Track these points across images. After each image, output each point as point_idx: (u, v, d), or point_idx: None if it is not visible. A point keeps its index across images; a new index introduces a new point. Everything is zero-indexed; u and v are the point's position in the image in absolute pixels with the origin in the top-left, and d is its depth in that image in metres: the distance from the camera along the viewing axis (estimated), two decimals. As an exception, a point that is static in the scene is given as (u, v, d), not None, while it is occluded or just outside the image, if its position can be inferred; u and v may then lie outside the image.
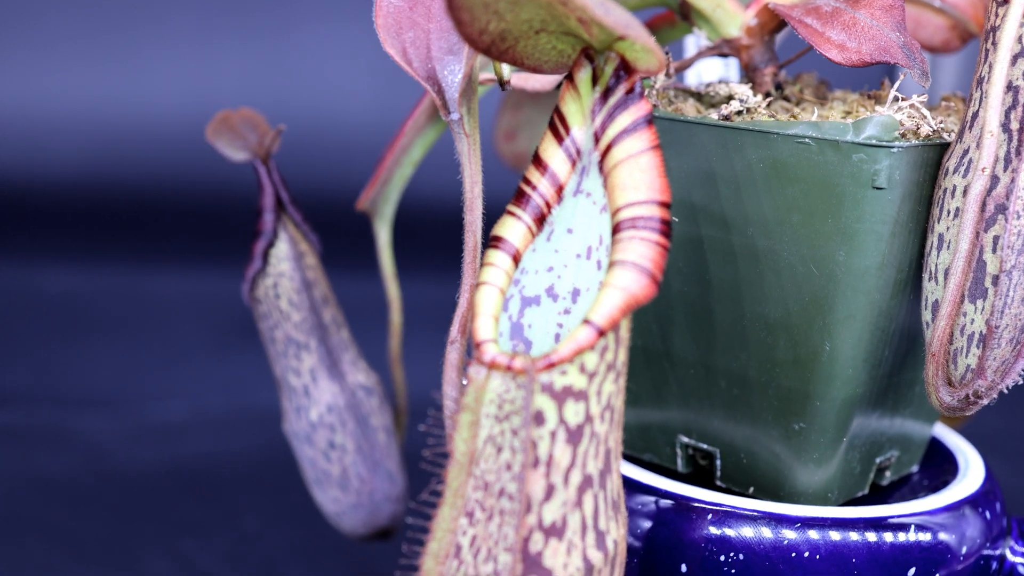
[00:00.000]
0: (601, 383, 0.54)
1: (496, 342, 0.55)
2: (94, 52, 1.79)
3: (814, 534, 0.66)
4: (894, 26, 0.66)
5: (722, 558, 0.65)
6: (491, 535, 0.54)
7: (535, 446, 0.53)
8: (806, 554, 0.65)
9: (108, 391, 1.39)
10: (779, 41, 0.75)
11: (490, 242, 0.58)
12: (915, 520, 0.67)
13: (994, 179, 0.60)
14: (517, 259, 0.58)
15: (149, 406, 1.34)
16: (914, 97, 0.64)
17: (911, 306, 0.67)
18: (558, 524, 0.53)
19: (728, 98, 0.69)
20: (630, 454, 0.75)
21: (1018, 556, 0.72)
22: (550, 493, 0.53)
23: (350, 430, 0.84)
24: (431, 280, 1.24)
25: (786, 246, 0.65)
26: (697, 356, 0.70)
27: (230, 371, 1.43)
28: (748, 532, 0.66)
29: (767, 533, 0.66)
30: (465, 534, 0.54)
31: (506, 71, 0.62)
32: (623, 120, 0.55)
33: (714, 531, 0.66)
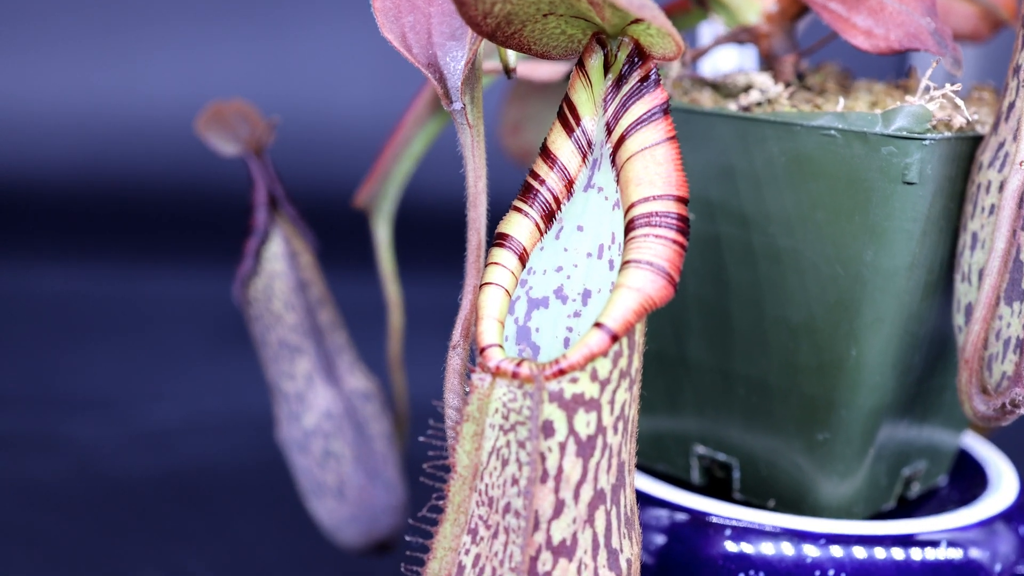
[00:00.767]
0: (614, 391, 0.51)
1: (501, 347, 0.52)
2: (87, 49, 1.77)
3: (838, 551, 0.63)
4: (924, 11, 0.62)
5: (740, 576, 0.62)
6: (496, 554, 0.51)
7: (543, 459, 0.50)
8: (830, 573, 0.62)
9: (99, 394, 1.36)
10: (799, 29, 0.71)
11: (495, 240, 0.55)
12: (945, 536, 0.64)
13: (1033, 173, 0.57)
14: (524, 258, 0.55)
15: (141, 410, 1.31)
16: (947, 86, 0.60)
17: (942, 309, 0.64)
18: (568, 543, 0.51)
19: (747, 88, 0.66)
20: (642, 464, 0.72)
21: (1053, 573, 0.68)
22: (559, 509, 0.50)
23: (347, 438, 0.80)
24: (432, 280, 1.21)
25: (810, 245, 0.62)
26: (714, 361, 0.67)
27: (225, 374, 1.41)
28: (768, 549, 0.63)
29: (788, 550, 0.63)
30: (468, 553, 0.52)
31: (512, 58, 0.58)
32: (637, 109, 0.53)
33: (732, 548, 0.63)
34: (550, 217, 0.56)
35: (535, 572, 0.50)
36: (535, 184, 0.55)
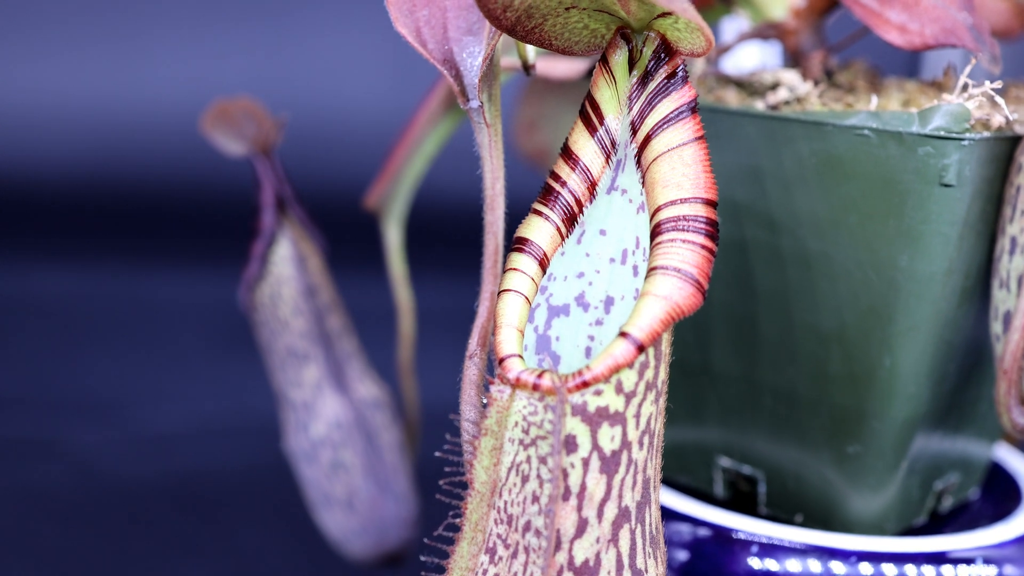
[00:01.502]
0: (640, 404, 0.49)
1: (521, 357, 0.50)
2: (89, 47, 1.75)
3: (868, 568, 0.61)
4: (961, 5, 0.60)
5: (767, 595, 0.61)
6: (515, 575, 0.49)
7: (566, 475, 0.48)
8: (861, 592, 0.59)
9: (100, 399, 1.35)
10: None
11: (514, 244, 0.53)
12: (980, 554, 0.62)
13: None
14: (544, 264, 0.53)
15: (143, 415, 1.30)
16: (987, 84, 0.57)
17: (978, 316, 0.61)
18: (591, 563, 0.49)
19: (774, 86, 0.63)
20: (663, 476, 0.70)
21: (1092, 592, 0.66)
22: (582, 528, 0.48)
23: (356, 448, 0.78)
24: (447, 283, 1.19)
25: (841, 250, 0.59)
26: (740, 371, 0.64)
27: (231, 377, 1.39)
28: (795, 566, 0.61)
29: (816, 567, 0.61)
30: (486, 573, 0.50)
31: (531, 54, 0.56)
32: (664, 108, 0.51)
33: (757, 565, 0.62)
34: (571, 221, 0.54)
35: (556, 594, 0.48)
36: (556, 186, 0.53)
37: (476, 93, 0.55)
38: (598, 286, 0.55)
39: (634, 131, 0.52)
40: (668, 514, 0.64)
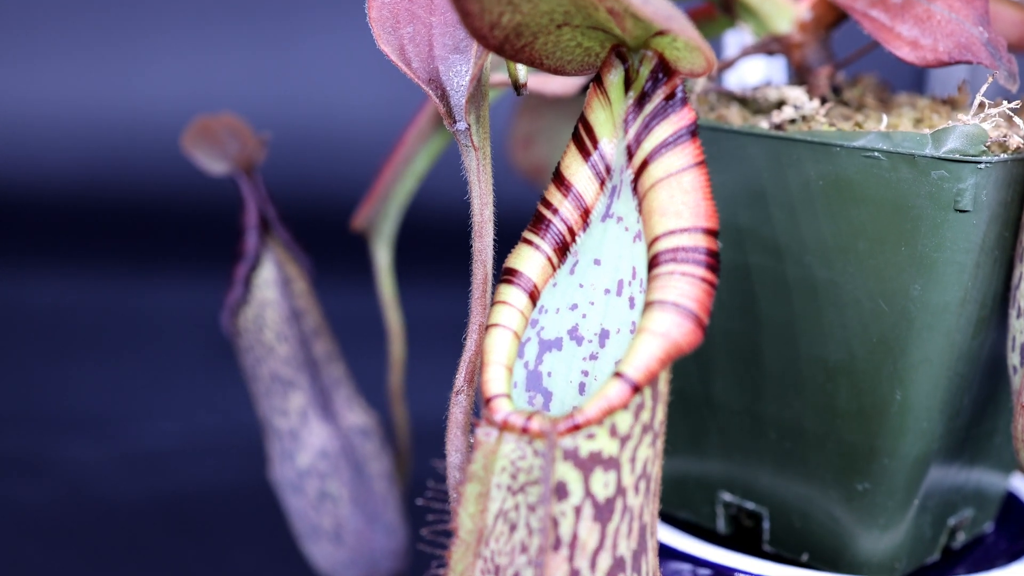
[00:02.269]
0: (636, 448, 0.47)
1: (509, 397, 0.48)
2: (81, 56, 1.74)
3: (878, 611, 0.57)
4: (976, 19, 0.57)
5: (771, 640, 0.58)
6: None
7: (556, 524, 0.45)
8: (871, 638, 0.56)
9: (91, 413, 1.32)
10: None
11: (503, 276, 0.50)
12: (997, 596, 0.58)
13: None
14: (534, 296, 0.50)
15: (135, 430, 1.28)
16: (1004, 103, 0.54)
17: (994, 347, 0.58)
18: None
19: (779, 104, 0.61)
20: (663, 511, 0.67)
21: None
22: None
23: (344, 478, 0.75)
24: (441, 294, 1.16)
25: (850, 278, 0.57)
26: (743, 403, 0.62)
27: (224, 391, 1.36)
28: None
29: None
30: None
31: (522, 73, 0.53)
32: (662, 131, 0.48)
33: None
34: (564, 250, 0.51)
35: (547, 650, 0.45)
36: (547, 214, 0.51)
37: (463, 114, 0.52)
38: (592, 319, 0.52)
39: (630, 156, 0.49)
40: (667, 553, 0.62)
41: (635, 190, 0.49)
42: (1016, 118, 0.55)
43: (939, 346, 0.56)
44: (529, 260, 0.50)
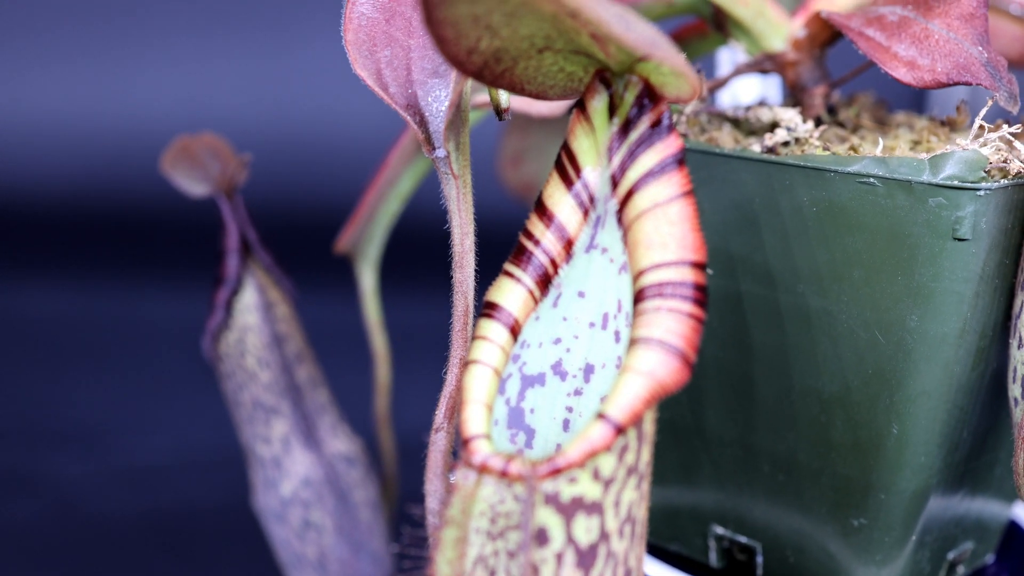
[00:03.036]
0: (620, 491, 0.45)
1: (489, 438, 0.46)
2: (72, 65, 1.72)
3: (875, 650, 0.55)
4: (975, 39, 0.55)
5: None
6: None
7: (537, 572, 0.44)
8: None
9: (82, 427, 1.30)
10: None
11: (483, 310, 0.49)
12: (998, 634, 0.56)
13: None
14: (516, 330, 0.49)
15: (127, 444, 1.26)
16: (1004, 127, 0.52)
17: (994, 378, 0.56)
18: None
19: (772, 125, 0.58)
20: (653, 543, 0.65)
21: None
22: None
23: (328, 507, 0.74)
24: (429, 312, 1.14)
25: (845, 308, 0.55)
26: (734, 434, 0.60)
27: (219, 404, 1.34)
28: None
29: None
30: None
31: (504, 97, 0.51)
32: (647, 160, 0.47)
33: None
34: (546, 282, 0.49)
35: None
36: (529, 245, 0.49)
37: (442, 141, 0.50)
38: (577, 353, 0.51)
39: (615, 185, 0.47)
40: (658, 588, 0.60)
41: (620, 221, 0.47)
42: (1016, 142, 0.53)
43: (937, 378, 0.54)
44: (510, 293, 0.48)
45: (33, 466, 1.21)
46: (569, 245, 0.49)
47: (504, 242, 0.53)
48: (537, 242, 0.48)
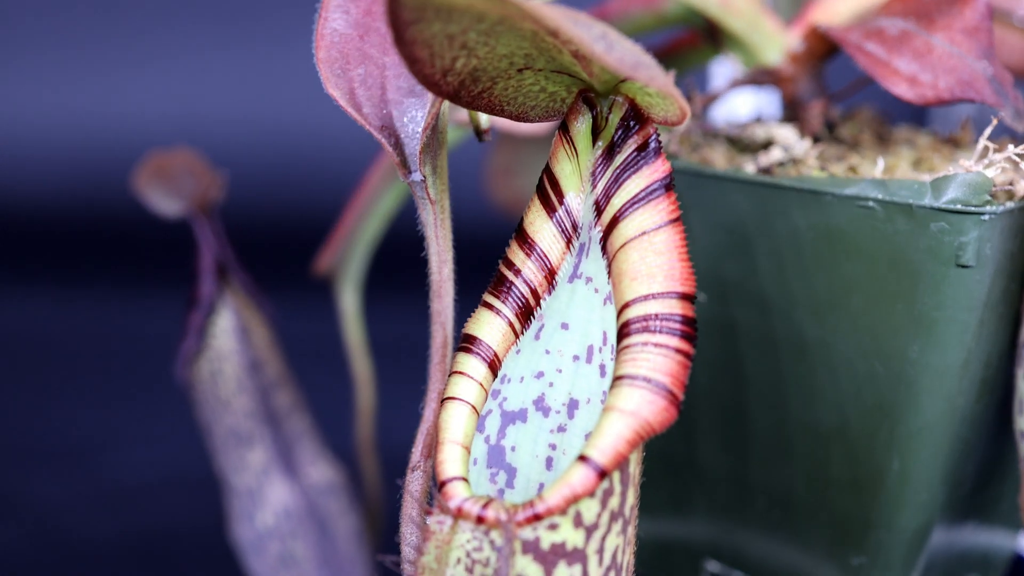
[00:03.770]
0: (603, 537, 0.44)
1: (466, 480, 0.43)
2: (61, 74, 1.70)
3: None
4: (980, 53, 0.53)
5: None
6: None
7: None
8: None
9: (64, 445, 1.27)
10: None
11: (461, 343, 0.46)
12: (1004, 675, 0.54)
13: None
14: (495, 365, 0.47)
15: (111, 464, 1.23)
16: (1010, 147, 0.50)
17: (1000, 408, 0.54)
18: None
19: (767, 143, 0.56)
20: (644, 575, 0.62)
21: None
22: None
23: (308, 539, 0.71)
24: (421, 320, 1.12)
25: (842, 337, 0.53)
26: (728, 468, 0.58)
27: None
28: None
29: None
30: None
31: (484, 119, 0.48)
32: (633, 186, 0.45)
33: None
34: (528, 314, 0.47)
35: None
36: (509, 275, 0.47)
37: (418, 164, 0.48)
38: (560, 388, 0.48)
39: (599, 212, 0.45)
40: (649, 625, 0.57)
41: (604, 249, 0.45)
42: (1023, 163, 0.50)
43: (940, 411, 0.51)
44: (489, 326, 0.46)
45: (12, 487, 1.19)
46: (551, 274, 0.46)
47: (492, 263, 0.50)
48: (518, 271, 0.46)
